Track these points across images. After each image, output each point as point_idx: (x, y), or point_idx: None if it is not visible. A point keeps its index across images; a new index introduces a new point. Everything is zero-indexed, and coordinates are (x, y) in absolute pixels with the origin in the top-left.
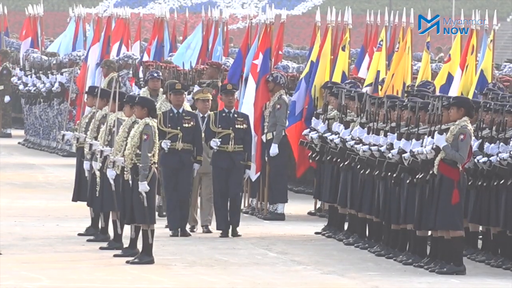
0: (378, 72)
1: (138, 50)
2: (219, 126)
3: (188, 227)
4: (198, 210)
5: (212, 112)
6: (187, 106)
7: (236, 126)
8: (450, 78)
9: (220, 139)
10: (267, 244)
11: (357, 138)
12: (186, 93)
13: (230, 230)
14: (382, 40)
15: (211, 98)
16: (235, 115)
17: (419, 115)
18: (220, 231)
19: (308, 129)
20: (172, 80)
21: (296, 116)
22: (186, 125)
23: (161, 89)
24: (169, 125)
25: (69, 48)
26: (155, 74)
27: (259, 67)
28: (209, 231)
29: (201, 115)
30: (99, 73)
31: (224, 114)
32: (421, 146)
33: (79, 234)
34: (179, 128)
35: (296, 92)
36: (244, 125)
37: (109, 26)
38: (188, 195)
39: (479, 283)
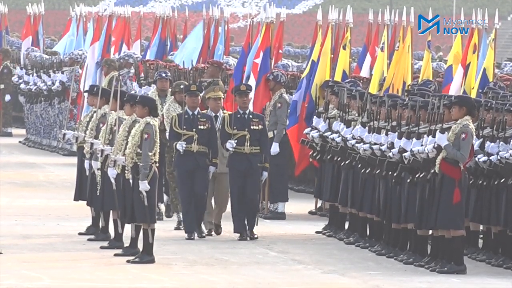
0: (382, 72)
1: (138, 49)
2: (234, 127)
3: (205, 230)
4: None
5: (227, 114)
6: None
7: (252, 127)
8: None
9: (235, 141)
10: (267, 243)
11: (358, 137)
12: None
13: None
14: (384, 42)
15: (223, 97)
16: (250, 116)
17: (420, 114)
18: (238, 234)
19: (309, 128)
20: (179, 81)
21: (297, 116)
22: (202, 127)
23: (170, 90)
24: (184, 127)
25: (72, 47)
26: (163, 74)
27: (259, 66)
28: (218, 233)
29: (213, 114)
30: (99, 72)
31: (239, 116)
32: (421, 145)
33: (80, 233)
34: (194, 130)
35: (297, 92)
36: (260, 126)
37: (110, 24)
38: (204, 197)
39: (479, 283)
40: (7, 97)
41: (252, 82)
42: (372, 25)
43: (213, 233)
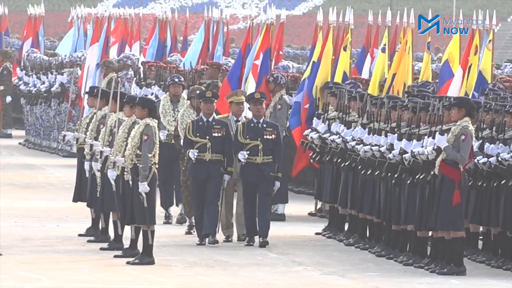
0: (383, 73)
1: (138, 50)
2: (247, 137)
3: (222, 236)
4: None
5: (240, 123)
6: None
7: (265, 136)
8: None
9: (248, 151)
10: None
11: (358, 139)
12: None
13: (258, 240)
14: (386, 44)
15: (245, 101)
16: (264, 125)
17: (420, 116)
18: (246, 240)
19: (309, 129)
20: (196, 86)
21: (300, 118)
22: (216, 134)
23: (183, 95)
24: (198, 134)
25: (74, 49)
26: (176, 80)
27: (259, 68)
28: (244, 240)
29: (235, 118)
30: (99, 73)
31: (252, 124)
32: (422, 147)
33: (80, 235)
34: (207, 137)
35: (300, 93)
36: (273, 135)
37: (108, 26)
38: (216, 205)
39: (479, 284)
40: (8, 99)
41: (251, 83)
42: (371, 26)
43: (230, 239)
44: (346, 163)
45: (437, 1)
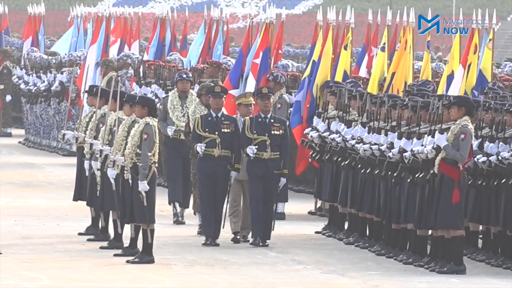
0: (383, 72)
1: (137, 49)
2: (255, 132)
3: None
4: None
5: (247, 118)
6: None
7: (272, 132)
8: (450, 76)
9: (256, 146)
10: (267, 244)
11: (358, 138)
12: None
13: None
14: (385, 43)
15: (254, 102)
16: (271, 120)
17: (420, 114)
18: (252, 239)
19: (310, 128)
20: (206, 83)
21: (302, 116)
22: (225, 130)
23: (191, 91)
24: (207, 130)
25: (74, 48)
26: (184, 76)
27: (259, 66)
28: (246, 240)
29: (242, 119)
30: (99, 72)
31: (260, 120)
32: (422, 145)
33: (80, 234)
34: (216, 133)
35: (300, 92)
36: (281, 131)
37: (108, 25)
38: (222, 203)
39: (479, 283)
40: (8, 98)
41: (251, 82)
42: (371, 26)
43: (239, 237)
44: (346, 162)
45: (437, 0)
